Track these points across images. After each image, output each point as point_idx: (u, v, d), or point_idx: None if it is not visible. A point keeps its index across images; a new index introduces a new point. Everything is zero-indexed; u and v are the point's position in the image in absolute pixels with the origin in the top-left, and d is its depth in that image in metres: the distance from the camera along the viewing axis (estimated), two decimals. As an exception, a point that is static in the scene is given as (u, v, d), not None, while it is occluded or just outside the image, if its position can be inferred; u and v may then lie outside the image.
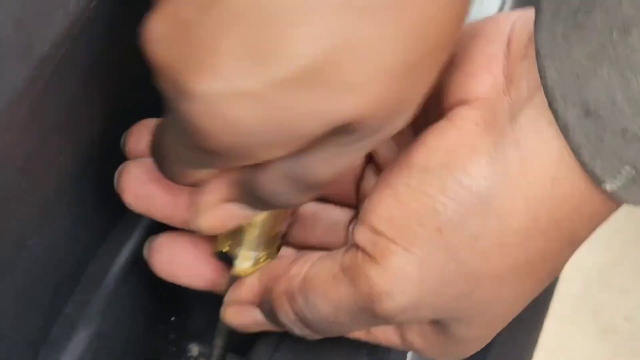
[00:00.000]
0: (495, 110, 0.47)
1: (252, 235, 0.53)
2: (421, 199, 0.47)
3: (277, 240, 0.55)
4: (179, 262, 0.58)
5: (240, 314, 0.55)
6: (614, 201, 0.47)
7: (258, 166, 0.48)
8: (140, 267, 0.60)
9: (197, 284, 0.58)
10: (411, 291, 0.48)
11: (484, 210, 0.47)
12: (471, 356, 0.58)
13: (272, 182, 0.48)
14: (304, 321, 0.52)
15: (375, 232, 0.48)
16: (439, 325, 0.51)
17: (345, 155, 0.47)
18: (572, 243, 0.49)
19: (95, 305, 0.58)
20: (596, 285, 1.98)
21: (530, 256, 0.48)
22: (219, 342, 0.59)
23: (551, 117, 0.46)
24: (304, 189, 0.49)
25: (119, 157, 0.57)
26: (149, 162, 0.54)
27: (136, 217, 0.60)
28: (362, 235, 0.49)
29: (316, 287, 0.51)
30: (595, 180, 0.45)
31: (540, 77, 0.45)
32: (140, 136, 0.56)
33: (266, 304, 0.53)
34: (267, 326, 0.54)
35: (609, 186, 0.45)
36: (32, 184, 0.51)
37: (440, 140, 0.48)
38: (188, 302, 0.66)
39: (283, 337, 0.57)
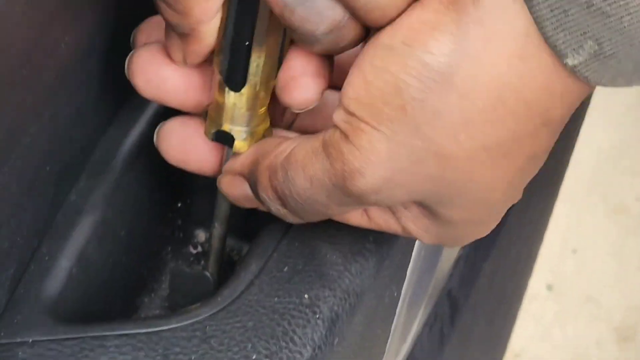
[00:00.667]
0: None
1: (242, 110, 0.53)
2: (385, 77, 0.48)
3: (266, 117, 0.55)
4: (189, 147, 0.58)
5: (231, 185, 0.56)
6: (578, 75, 0.47)
7: None
8: (145, 153, 0.60)
9: (206, 169, 0.58)
10: (381, 169, 0.49)
11: (446, 87, 0.47)
12: (481, 240, 0.58)
13: None
14: (281, 198, 0.53)
15: (348, 112, 0.48)
16: (426, 208, 0.52)
17: None
18: (547, 125, 0.49)
19: (100, 193, 0.58)
20: (607, 167, 1.98)
21: (502, 137, 0.48)
22: (217, 224, 0.60)
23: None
24: None
25: (125, 46, 0.56)
26: (160, 47, 0.54)
27: (141, 103, 0.60)
28: (339, 116, 0.49)
29: (296, 162, 0.51)
30: (558, 55, 0.46)
31: None
32: (150, 34, 0.56)
33: (252, 177, 0.54)
34: (255, 203, 0.55)
35: (570, 61, 0.46)
36: (33, 70, 0.50)
37: (405, 18, 0.48)
38: (194, 189, 0.66)
39: (290, 225, 0.57)
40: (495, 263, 0.79)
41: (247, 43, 0.53)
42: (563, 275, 1.89)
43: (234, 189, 0.57)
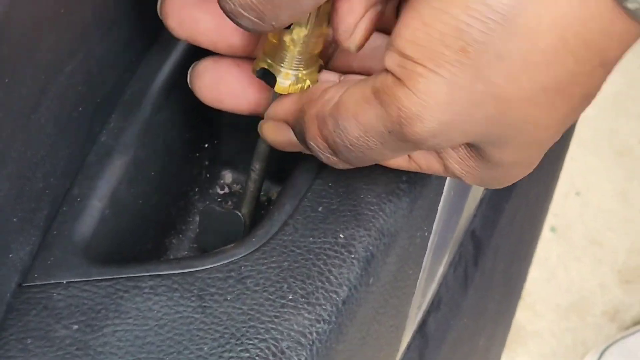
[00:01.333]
0: None
1: (292, 52, 0.54)
2: (445, 19, 0.47)
3: (318, 61, 0.56)
4: (223, 86, 0.59)
5: (275, 130, 0.57)
6: (638, 22, 0.48)
7: None
8: (175, 94, 0.61)
9: (240, 108, 0.59)
10: (440, 113, 0.49)
11: (509, 29, 0.47)
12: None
13: None
14: (332, 147, 0.53)
15: (403, 55, 0.49)
16: (475, 149, 0.52)
17: None
18: (604, 65, 0.50)
19: (131, 133, 0.58)
20: (612, 110, 1.99)
21: (561, 77, 0.49)
22: (257, 165, 0.60)
23: None
24: None
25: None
26: None
27: (170, 43, 0.60)
28: (391, 60, 0.49)
29: (347, 110, 0.51)
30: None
31: None
32: None
33: (298, 125, 0.55)
34: (299, 148, 0.55)
35: (630, 4, 0.46)
36: (69, 9, 0.50)
37: None
38: (221, 130, 0.67)
39: (324, 165, 0.56)
40: (516, 204, 0.79)
41: None
42: (567, 218, 1.90)
43: (277, 134, 0.57)
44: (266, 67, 0.55)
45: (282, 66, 0.54)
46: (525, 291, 1.74)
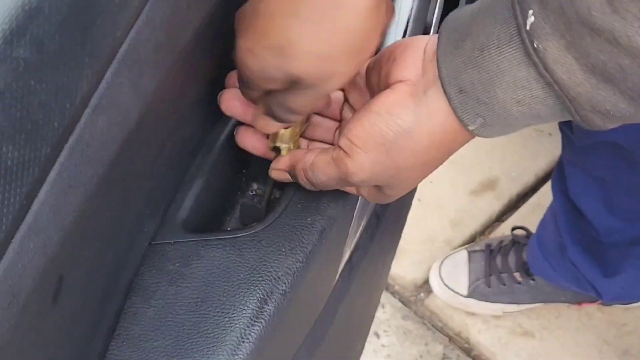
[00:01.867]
0: (416, 86, 0.56)
1: (285, 136, 0.63)
2: (375, 128, 0.56)
3: (298, 139, 0.64)
4: (250, 139, 0.66)
5: (278, 174, 0.64)
6: (474, 134, 0.56)
7: (269, 99, 0.58)
8: (230, 142, 0.67)
9: (258, 152, 0.66)
10: (366, 172, 0.58)
11: (409, 137, 0.56)
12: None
13: (275, 107, 0.58)
14: (310, 183, 0.61)
15: (350, 141, 0.57)
16: (378, 187, 0.61)
17: (305, 96, 0.56)
18: (449, 153, 0.58)
19: (207, 165, 0.66)
20: None
21: (429, 159, 0.57)
22: (270, 182, 0.67)
23: (443, 92, 0.54)
24: (290, 113, 0.58)
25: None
26: (234, 91, 0.62)
27: (227, 119, 0.67)
28: (343, 142, 0.58)
29: (318, 167, 0.60)
30: (464, 124, 0.55)
31: (438, 71, 0.54)
32: (231, 81, 0.64)
33: (292, 172, 0.62)
34: (291, 181, 0.63)
35: (470, 127, 0.55)
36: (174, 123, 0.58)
37: (387, 98, 0.56)
38: (251, 164, 0.71)
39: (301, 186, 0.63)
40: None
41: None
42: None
43: (280, 176, 0.64)
44: (275, 145, 0.63)
45: (281, 143, 0.63)
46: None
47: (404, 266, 1.85)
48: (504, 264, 1.75)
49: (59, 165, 0.42)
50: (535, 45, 0.49)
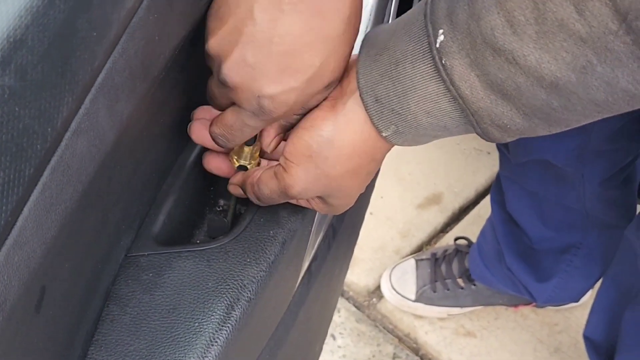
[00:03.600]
0: (337, 100, 0.56)
1: (246, 155, 0.64)
2: (302, 141, 0.57)
3: (257, 157, 0.65)
4: (216, 163, 0.66)
5: (233, 189, 0.65)
6: (387, 141, 0.56)
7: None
8: (199, 162, 0.68)
9: (221, 173, 0.66)
10: (301, 184, 0.58)
11: (330, 145, 0.56)
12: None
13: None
14: (257, 197, 0.62)
15: (285, 157, 0.58)
16: (321, 198, 0.61)
17: (263, 122, 0.56)
18: (374, 160, 0.58)
19: (178, 183, 0.66)
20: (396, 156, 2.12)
21: (354, 166, 0.57)
22: (233, 198, 0.67)
23: (361, 102, 0.55)
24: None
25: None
26: (202, 122, 0.62)
27: (195, 146, 0.68)
28: (281, 159, 0.58)
29: (262, 182, 0.60)
30: (378, 130, 0.55)
31: (357, 82, 0.54)
32: (199, 113, 0.64)
33: (243, 187, 0.63)
34: (244, 195, 0.63)
35: (384, 134, 0.55)
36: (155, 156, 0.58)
37: (311, 114, 0.57)
38: (219, 183, 0.71)
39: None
40: (353, 209, 0.76)
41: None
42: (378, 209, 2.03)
43: (235, 191, 0.65)
44: (240, 164, 0.64)
45: (244, 161, 0.64)
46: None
47: (358, 274, 1.85)
48: (448, 270, 1.76)
49: (41, 184, 0.41)
50: (443, 62, 0.49)
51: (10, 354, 0.44)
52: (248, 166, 0.64)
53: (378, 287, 1.84)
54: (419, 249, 1.93)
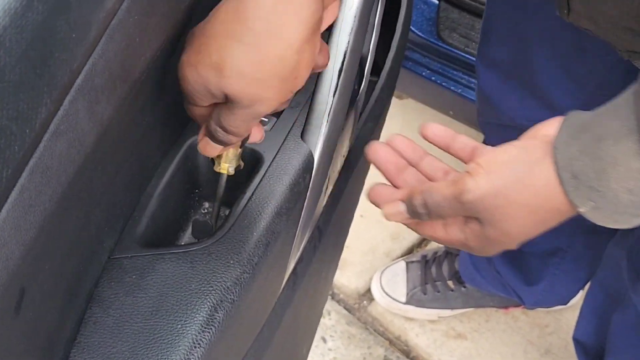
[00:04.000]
0: (548, 145, 0.56)
1: (228, 158, 0.64)
2: (505, 155, 0.58)
3: (239, 159, 0.65)
4: (386, 194, 0.66)
5: (391, 209, 0.65)
6: (586, 217, 0.56)
7: (208, 121, 0.58)
8: (184, 166, 0.68)
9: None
10: (480, 192, 0.57)
11: (527, 175, 0.57)
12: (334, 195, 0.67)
13: (213, 127, 0.59)
14: (424, 203, 0.61)
15: (477, 164, 0.59)
16: (481, 223, 0.59)
17: (238, 116, 0.56)
18: (554, 219, 0.59)
19: (162, 185, 0.66)
20: None
21: (530, 212, 0.58)
22: (217, 200, 0.68)
23: (556, 176, 0.56)
24: (226, 133, 0.58)
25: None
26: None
27: (180, 145, 0.68)
28: (470, 166, 0.60)
29: (436, 188, 0.61)
30: (575, 206, 0.55)
31: (554, 160, 0.56)
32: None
33: (408, 200, 0.63)
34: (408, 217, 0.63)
35: (581, 210, 0.55)
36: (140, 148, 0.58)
37: (526, 140, 0.59)
38: (203, 185, 0.72)
39: (247, 203, 0.65)
40: (339, 212, 0.84)
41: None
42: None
43: (393, 210, 0.65)
44: (222, 165, 0.64)
45: (225, 163, 0.65)
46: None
47: (348, 276, 1.85)
48: (439, 273, 1.76)
49: (19, 186, 0.41)
50: None
51: (-11, 356, 0.44)
52: (232, 169, 0.65)
53: (368, 290, 1.84)
54: (410, 252, 1.92)
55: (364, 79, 0.82)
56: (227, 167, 0.64)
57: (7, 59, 0.39)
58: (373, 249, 1.90)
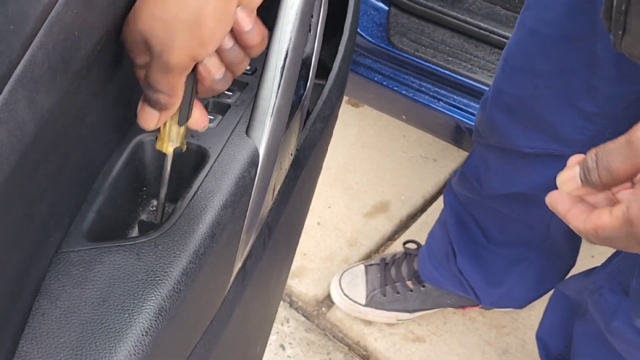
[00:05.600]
0: None
1: (170, 137, 0.65)
2: None
3: (182, 140, 0.65)
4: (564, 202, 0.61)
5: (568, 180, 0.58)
6: None
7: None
8: (131, 163, 0.69)
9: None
10: None
11: None
12: (282, 196, 0.69)
13: (144, 87, 0.59)
14: (629, 220, 0.53)
15: None
16: None
17: (157, 69, 0.57)
18: None
19: (108, 182, 0.67)
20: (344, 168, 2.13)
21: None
22: (161, 199, 0.69)
23: None
24: (152, 90, 0.59)
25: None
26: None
27: (127, 143, 0.69)
28: None
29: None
30: None
31: None
32: None
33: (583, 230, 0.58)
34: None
35: None
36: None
37: None
38: (151, 183, 0.73)
39: (193, 197, 0.67)
40: (289, 210, 0.86)
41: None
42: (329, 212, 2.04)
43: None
44: (164, 144, 0.65)
45: (170, 142, 0.65)
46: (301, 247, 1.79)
47: (306, 284, 1.88)
48: (398, 274, 1.79)
49: (-41, 172, 0.42)
50: None
51: None
52: (171, 147, 0.65)
53: (327, 296, 1.86)
54: (368, 257, 1.96)
55: (309, 80, 0.84)
56: (168, 145, 0.65)
57: (-56, 50, 0.41)
58: (331, 256, 1.92)
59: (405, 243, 1.80)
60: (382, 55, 1.62)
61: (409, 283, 1.78)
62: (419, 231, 1.96)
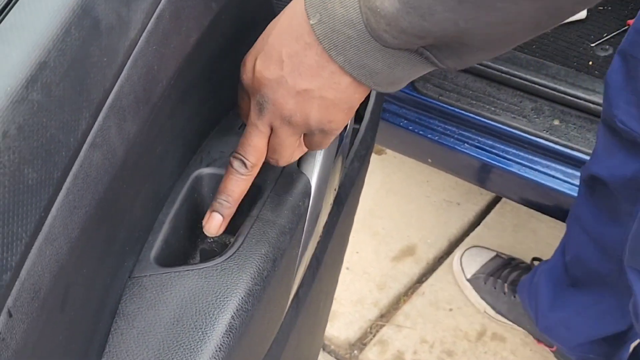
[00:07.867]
0: None
1: None
2: None
3: None
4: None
5: None
6: (313, 30, 0.56)
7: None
8: (191, 196, 0.71)
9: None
10: None
11: None
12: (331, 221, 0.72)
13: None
14: None
15: None
16: None
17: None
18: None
19: (172, 214, 0.69)
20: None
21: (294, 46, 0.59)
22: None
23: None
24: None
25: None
26: None
27: (186, 177, 0.71)
28: None
29: None
30: (308, 16, 0.56)
31: None
32: None
33: None
34: None
35: (311, 22, 0.55)
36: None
37: None
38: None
39: (249, 231, 0.69)
40: (333, 244, 0.86)
41: None
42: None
43: None
44: None
45: None
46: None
47: (338, 327, 1.88)
48: (505, 275, 1.86)
49: (65, 188, 0.47)
50: None
51: (38, 348, 0.48)
52: None
53: (358, 339, 1.87)
54: (397, 300, 1.96)
55: (349, 124, 0.88)
56: None
57: (53, 77, 0.46)
58: (361, 299, 1.93)
59: (533, 259, 1.89)
60: (407, 101, 1.66)
61: (505, 286, 1.83)
62: (446, 274, 1.98)
